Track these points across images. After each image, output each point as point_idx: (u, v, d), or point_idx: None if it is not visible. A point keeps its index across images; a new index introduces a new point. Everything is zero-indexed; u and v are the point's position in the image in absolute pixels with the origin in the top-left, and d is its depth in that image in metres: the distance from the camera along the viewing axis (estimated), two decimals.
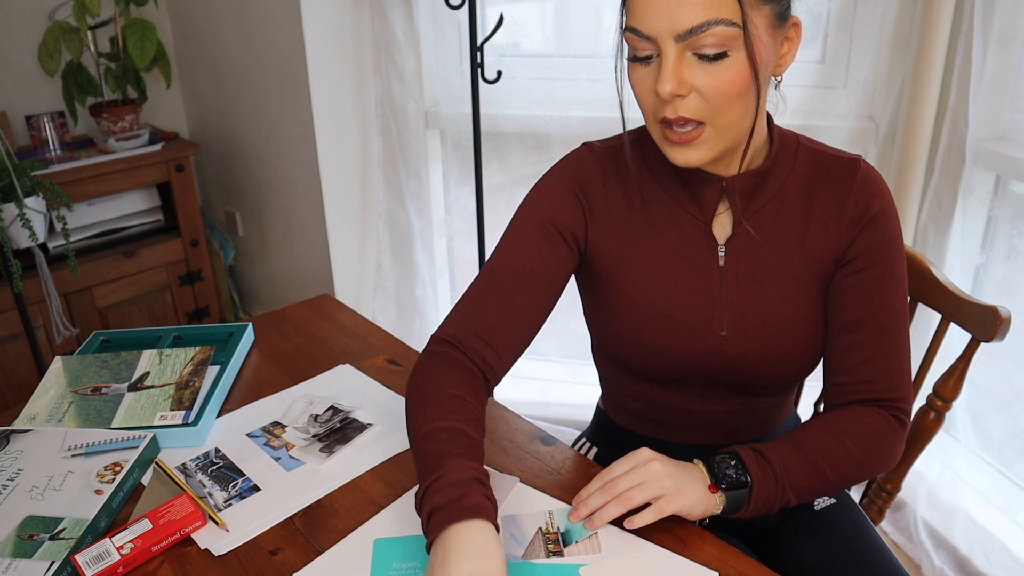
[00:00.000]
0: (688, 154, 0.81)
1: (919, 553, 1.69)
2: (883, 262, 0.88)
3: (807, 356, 0.91)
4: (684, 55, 0.76)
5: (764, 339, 0.89)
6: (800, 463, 0.84)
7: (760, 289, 0.90)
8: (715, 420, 0.97)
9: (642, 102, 0.82)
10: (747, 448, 0.85)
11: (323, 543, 0.84)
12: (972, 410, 1.71)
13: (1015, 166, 1.49)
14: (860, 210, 0.88)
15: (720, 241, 0.90)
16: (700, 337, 0.90)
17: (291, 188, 2.31)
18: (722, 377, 0.92)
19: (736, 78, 0.76)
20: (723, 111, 0.78)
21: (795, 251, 0.90)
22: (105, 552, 0.79)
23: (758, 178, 0.89)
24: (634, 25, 0.77)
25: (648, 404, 0.99)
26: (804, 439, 0.86)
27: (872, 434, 0.87)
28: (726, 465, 0.84)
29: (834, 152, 0.92)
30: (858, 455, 0.86)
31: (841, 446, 0.86)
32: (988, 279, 1.68)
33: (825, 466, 0.85)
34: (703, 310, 0.90)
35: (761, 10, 0.76)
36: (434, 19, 2.04)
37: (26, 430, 1.00)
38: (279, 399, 1.10)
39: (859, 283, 0.89)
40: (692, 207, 0.91)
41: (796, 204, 0.90)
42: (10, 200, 1.77)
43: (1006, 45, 1.48)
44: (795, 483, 0.84)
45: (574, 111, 1.96)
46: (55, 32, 2.01)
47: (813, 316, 0.90)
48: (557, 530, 0.83)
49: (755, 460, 0.84)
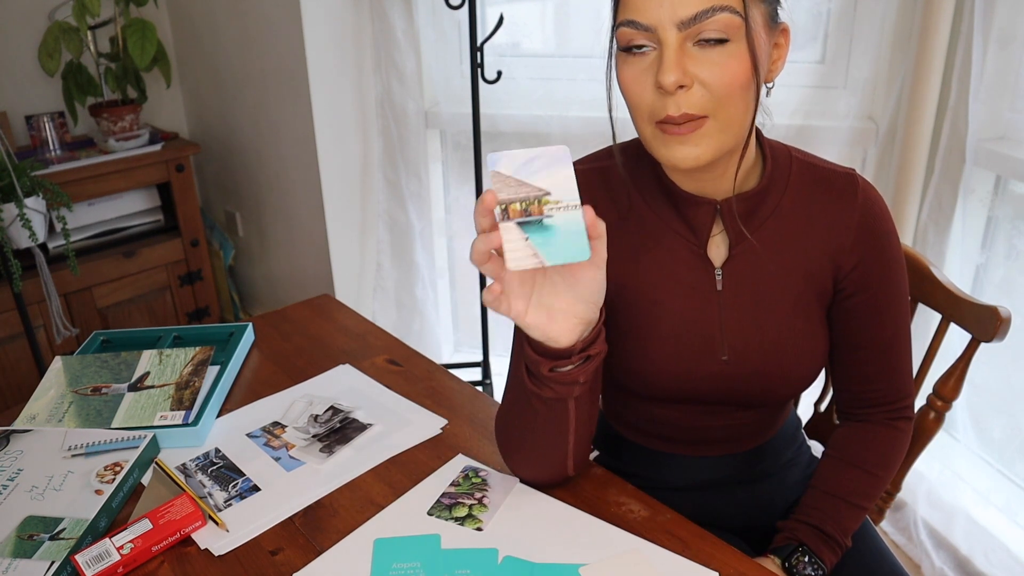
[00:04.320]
0: (687, 151, 0.76)
1: (919, 553, 1.69)
2: (885, 285, 0.88)
3: (809, 372, 0.91)
4: (685, 46, 0.73)
5: (766, 361, 0.88)
6: (848, 513, 0.92)
7: (760, 312, 0.88)
8: (716, 434, 0.97)
9: (636, 101, 0.77)
10: (810, 532, 0.90)
11: (323, 543, 0.84)
12: (972, 410, 1.71)
13: (1015, 166, 1.49)
14: (862, 238, 0.87)
15: (716, 264, 0.88)
16: (701, 362, 0.88)
17: (291, 188, 2.31)
18: (724, 397, 0.91)
19: (740, 68, 0.73)
20: (726, 103, 0.74)
21: (794, 271, 0.87)
22: (105, 552, 0.79)
23: (755, 198, 0.86)
24: (632, 18, 0.73)
25: (649, 420, 0.98)
26: (840, 485, 0.93)
27: (888, 450, 0.96)
28: (803, 566, 0.88)
29: (828, 166, 0.89)
30: (883, 475, 0.95)
31: (869, 476, 0.94)
32: (988, 279, 1.68)
33: (864, 502, 0.94)
34: (703, 336, 0.88)
35: (758, 6, 0.75)
36: (434, 19, 2.04)
37: (26, 430, 1.00)
38: (279, 399, 1.10)
39: (862, 307, 0.89)
40: (685, 231, 0.87)
41: (793, 221, 0.87)
42: (10, 200, 1.77)
43: (1006, 45, 1.48)
44: (849, 531, 0.92)
45: (574, 111, 1.96)
46: (55, 32, 2.01)
47: (814, 334, 0.89)
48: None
49: (824, 545, 0.90)
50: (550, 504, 0.88)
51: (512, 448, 0.88)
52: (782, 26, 0.79)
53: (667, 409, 0.95)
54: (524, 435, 0.85)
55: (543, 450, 0.85)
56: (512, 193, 0.69)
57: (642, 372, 0.90)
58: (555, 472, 0.88)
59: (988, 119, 1.54)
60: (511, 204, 0.69)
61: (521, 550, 0.81)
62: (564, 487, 0.91)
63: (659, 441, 1.00)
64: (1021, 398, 1.63)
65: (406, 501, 0.89)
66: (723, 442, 0.98)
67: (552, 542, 0.82)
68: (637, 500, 0.89)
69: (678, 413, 0.95)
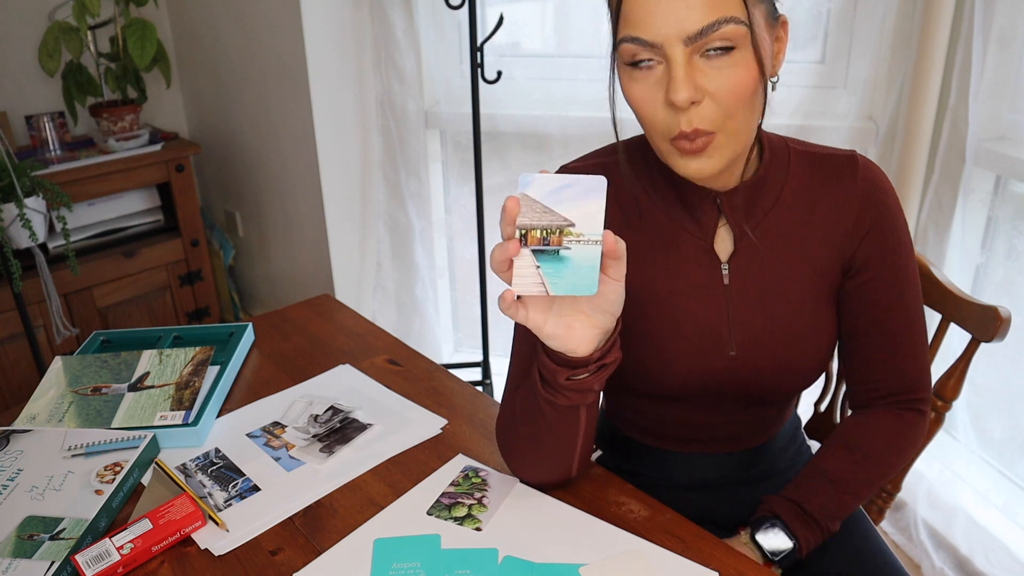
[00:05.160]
0: (702, 164, 0.76)
1: (919, 553, 1.69)
2: (892, 265, 0.87)
3: (817, 365, 0.90)
4: (693, 60, 0.72)
5: (775, 355, 0.88)
6: (836, 496, 0.89)
7: (767, 306, 0.87)
8: (720, 431, 0.96)
9: (650, 118, 0.76)
10: (789, 507, 0.89)
11: (323, 543, 0.84)
12: (972, 410, 1.71)
13: (1015, 166, 1.49)
14: (865, 212, 0.86)
15: (723, 259, 0.87)
16: (709, 358, 0.88)
17: (291, 188, 2.31)
18: (730, 393, 0.91)
19: (747, 77, 0.73)
20: (733, 115, 0.74)
21: (800, 261, 0.87)
22: (105, 552, 0.79)
23: (752, 189, 0.86)
24: (635, 34, 0.72)
25: (652, 418, 0.98)
26: (831, 467, 0.91)
27: (892, 437, 0.92)
28: (771, 538, 0.87)
29: (827, 151, 0.89)
30: (881, 462, 0.92)
31: (865, 461, 0.91)
32: (988, 279, 1.68)
33: (858, 487, 0.91)
34: (711, 331, 0.88)
35: (759, 7, 0.75)
36: (434, 19, 2.04)
37: (26, 430, 1.00)
38: (279, 399, 1.10)
39: (871, 290, 0.88)
40: (691, 225, 0.87)
41: (796, 210, 0.87)
42: (10, 200, 1.77)
43: (1006, 45, 1.48)
44: (834, 515, 0.89)
45: (574, 111, 1.96)
46: (55, 32, 2.01)
47: (822, 325, 0.89)
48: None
49: (800, 522, 0.88)
50: (550, 504, 0.88)
51: (520, 454, 0.88)
52: (781, 19, 0.79)
53: (670, 406, 0.95)
54: (533, 442, 0.85)
55: (552, 455, 0.85)
56: (535, 219, 0.68)
57: (649, 370, 0.90)
58: (561, 475, 0.88)
59: (988, 119, 1.54)
60: (531, 231, 0.68)
61: (521, 550, 0.81)
62: (564, 487, 0.91)
63: (661, 439, 1.00)
64: (1021, 398, 1.63)
65: (406, 501, 0.89)
66: (725, 440, 0.98)
67: (552, 542, 0.82)
68: (637, 500, 0.89)
69: (681, 410, 0.95)
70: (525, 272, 0.69)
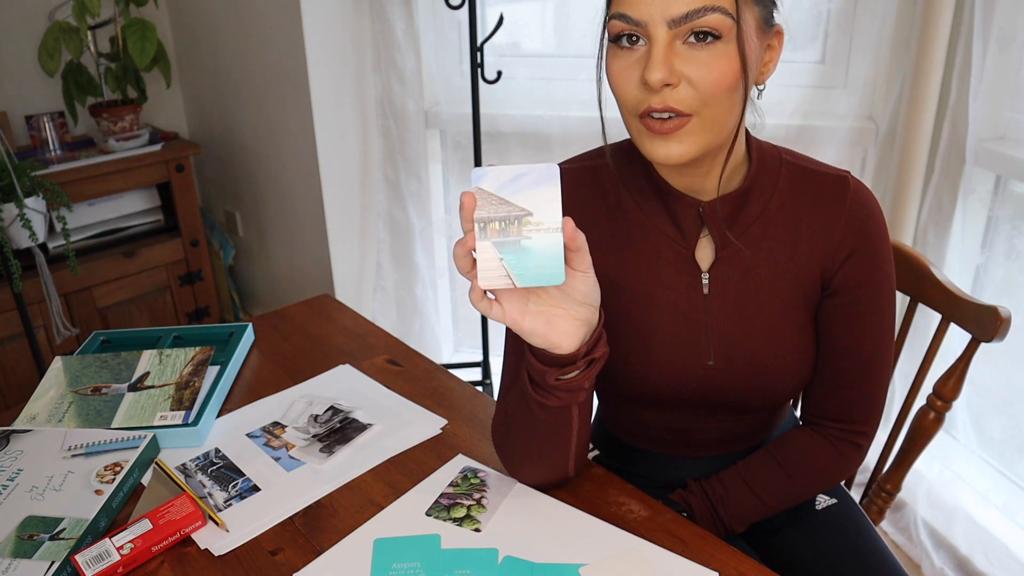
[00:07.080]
0: (672, 147, 0.75)
1: (919, 553, 1.69)
2: (869, 296, 0.86)
3: (798, 377, 0.89)
4: (674, 44, 0.72)
5: (753, 367, 0.87)
6: (750, 502, 0.93)
7: (746, 317, 0.86)
8: (710, 435, 0.96)
9: (623, 94, 0.76)
10: (704, 505, 0.93)
11: (323, 543, 0.84)
12: (972, 410, 1.71)
13: (1015, 166, 1.49)
14: (850, 236, 0.84)
15: (703, 268, 0.87)
16: (687, 367, 0.88)
17: (291, 188, 2.31)
18: (711, 402, 0.91)
19: (728, 68, 0.73)
20: (712, 103, 0.74)
21: (782, 275, 0.86)
22: (105, 552, 0.79)
23: (737, 200, 0.84)
24: (623, 11, 0.73)
25: (643, 422, 0.98)
26: (757, 479, 0.93)
27: (818, 464, 0.93)
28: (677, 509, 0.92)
29: (820, 168, 0.87)
30: (804, 484, 0.94)
31: (789, 480, 0.93)
32: (988, 279, 1.68)
33: (776, 501, 0.93)
34: (689, 340, 0.87)
35: (752, 9, 0.74)
36: (434, 19, 2.04)
37: (26, 430, 1.00)
38: (279, 399, 1.10)
39: (843, 315, 0.87)
40: (674, 232, 0.86)
41: (781, 225, 0.85)
42: (10, 200, 1.77)
43: (1006, 45, 1.48)
44: (744, 521, 0.93)
45: (574, 111, 1.96)
46: (55, 32, 2.01)
47: (802, 338, 0.88)
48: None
49: (709, 519, 0.93)
50: (550, 504, 0.88)
51: (515, 457, 0.88)
52: (776, 29, 0.79)
53: (658, 411, 0.95)
54: (528, 444, 0.85)
55: (547, 456, 0.85)
56: (492, 211, 0.68)
57: (630, 375, 0.90)
58: (558, 475, 0.88)
59: (988, 119, 1.54)
60: (490, 223, 0.68)
61: (521, 550, 0.81)
62: (564, 487, 0.91)
63: (653, 443, 1.00)
64: (1021, 398, 1.63)
65: (406, 501, 0.89)
66: (717, 444, 0.98)
67: (552, 542, 0.82)
68: (637, 500, 0.89)
69: (669, 415, 0.95)
70: (490, 266, 0.69)
